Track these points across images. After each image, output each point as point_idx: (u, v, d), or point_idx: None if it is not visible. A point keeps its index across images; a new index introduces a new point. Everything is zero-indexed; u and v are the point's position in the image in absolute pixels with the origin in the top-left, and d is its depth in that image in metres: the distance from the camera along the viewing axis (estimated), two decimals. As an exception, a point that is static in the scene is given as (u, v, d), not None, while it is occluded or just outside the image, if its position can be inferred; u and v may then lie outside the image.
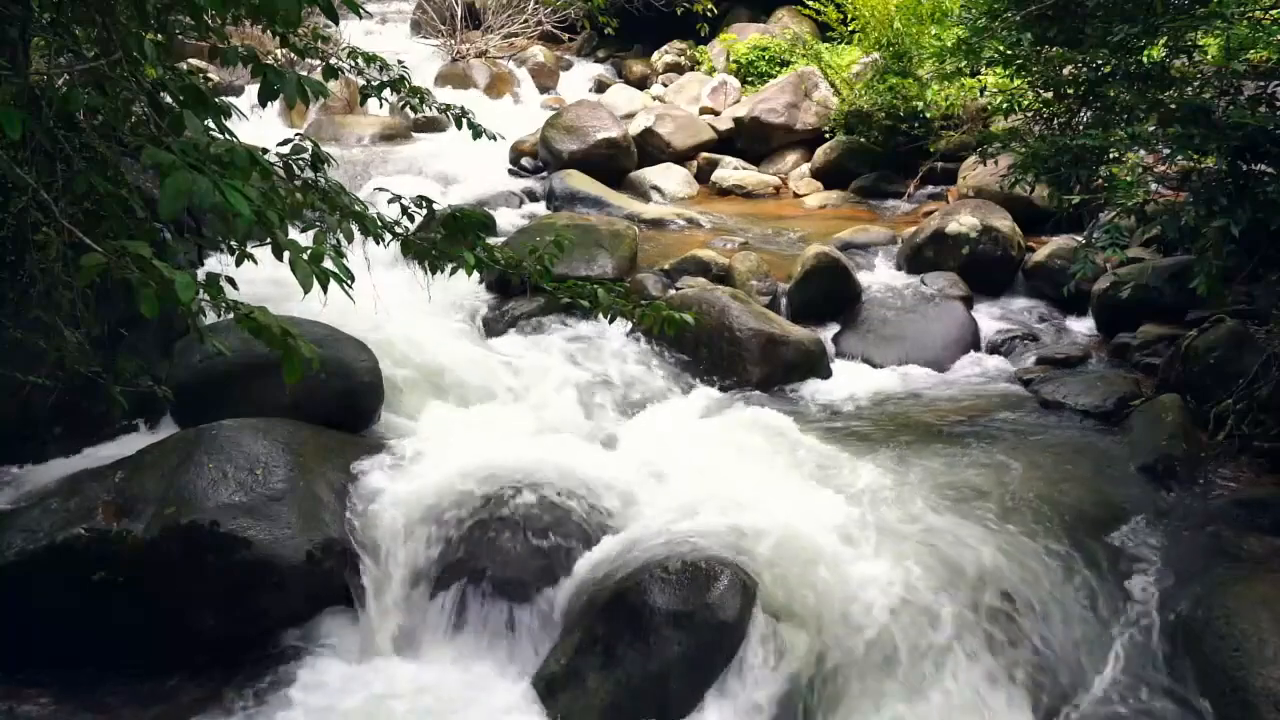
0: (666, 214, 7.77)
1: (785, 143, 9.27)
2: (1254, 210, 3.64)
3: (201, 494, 3.43)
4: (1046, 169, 4.40)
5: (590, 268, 5.88)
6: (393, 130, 9.53)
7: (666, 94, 10.89)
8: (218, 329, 3.43)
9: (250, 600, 3.39)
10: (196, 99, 2.42)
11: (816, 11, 9.75)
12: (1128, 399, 4.60)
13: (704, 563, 3.29)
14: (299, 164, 3.07)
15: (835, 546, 3.48)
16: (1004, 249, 6.23)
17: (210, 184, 1.93)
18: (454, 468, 3.84)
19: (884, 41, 8.50)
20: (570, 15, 11.78)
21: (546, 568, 3.51)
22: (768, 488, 3.85)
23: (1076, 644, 3.27)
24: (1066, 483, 3.93)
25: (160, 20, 3.23)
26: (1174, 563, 3.52)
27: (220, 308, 2.24)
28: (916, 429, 4.50)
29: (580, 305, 3.18)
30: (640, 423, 4.63)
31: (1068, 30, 4.39)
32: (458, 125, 3.93)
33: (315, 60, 3.97)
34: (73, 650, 3.32)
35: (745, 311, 5.29)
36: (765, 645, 3.19)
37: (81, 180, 2.46)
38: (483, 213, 6.39)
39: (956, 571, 3.38)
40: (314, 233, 2.63)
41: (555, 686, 3.23)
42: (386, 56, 4.27)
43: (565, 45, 13.25)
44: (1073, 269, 4.37)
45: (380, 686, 3.30)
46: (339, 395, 4.18)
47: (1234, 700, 2.94)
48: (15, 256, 3.36)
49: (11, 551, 3.32)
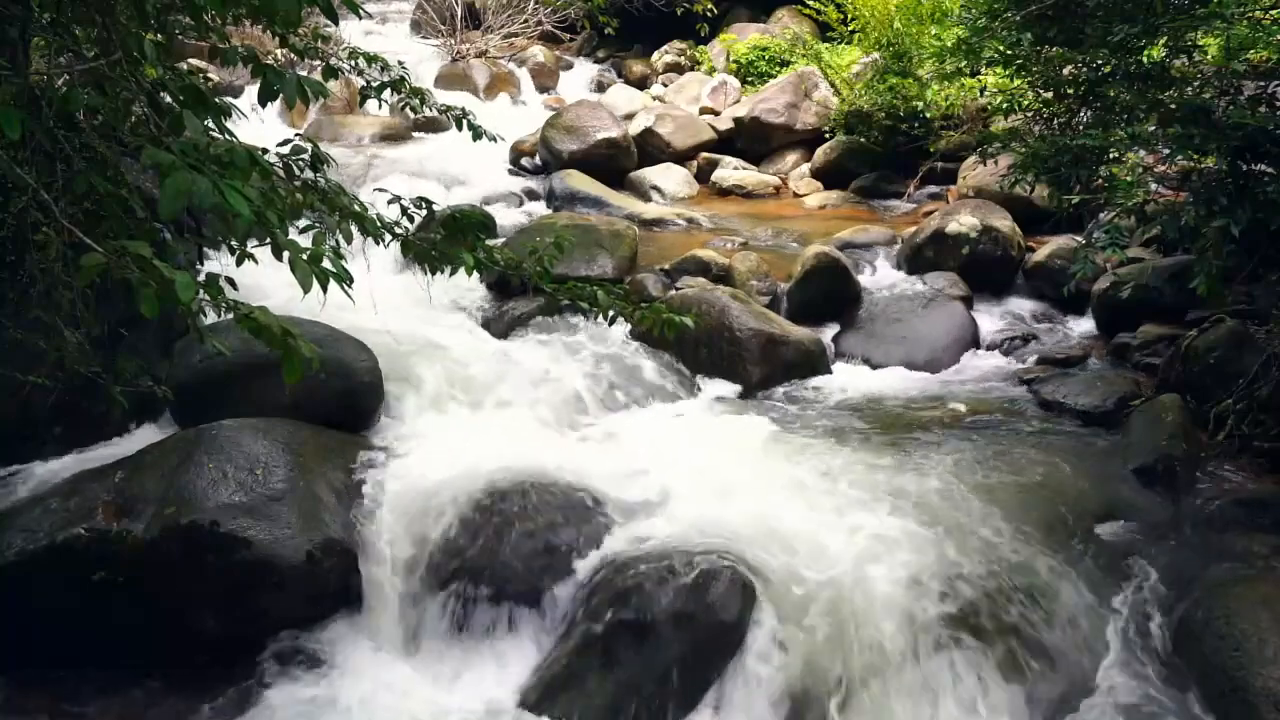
0: (666, 214, 7.77)
1: (785, 143, 9.27)
2: (1254, 210, 3.64)
3: (201, 494, 3.43)
4: (1046, 169, 4.40)
5: (590, 268, 5.88)
6: (392, 130, 9.53)
7: (666, 94, 10.89)
8: (218, 329, 3.43)
9: (250, 600, 3.39)
10: (196, 99, 2.42)
11: (816, 11, 9.75)
12: (1128, 399, 4.60)
13: (704, 563, 3.29)
14: (299, 164, 3.07)
15: (835, 547, 3.48)
16: (1004, 249, 6.23)
17: (210, 184, 1.93)
18: (454, 468, 3.84)
19: (884, 41, 8.50)
20: (570, 15, 11.78)
21: (547, 568, 3.51)
22: (768, 488, 3.85)
23: (1076, 644, 3.27)
24: (1066, 483, 3.92)
25: (160, 20, 3.23)
26: (1174, 563, 3.52)
27: (220, 308, 2.24)
28: (916, 429, 4.49)
29: (580, 306, 3.18)
30: (640, 423, 4.63)
31: (1068, 30, 4.38)
32: (458, 126, 3.93)
33: (315, 60, 3.97)
34: (73, 650, 3.32)
35: (745, 311, 5.29)
36: (765, 646, 3.19)
37: (81, 180, 2.46)
38: (482, 213, 6.41)
39: (957, 572, 3.37)
40: (313, 233, 2.63)
41: (555, 687, 3.23)
42: (386, 57, 4.27)
43: (565, 45, 13.24)
44: (1073, 269, 4.37)
45: (380, 687, 3.30)
46: (339, 395, 4.18)
47: (1234, 700, 2.94)
48: (15, 256, 3.36)
49: (11, 551, 3.31)
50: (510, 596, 3.48)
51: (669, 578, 3.26)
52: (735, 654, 3.19)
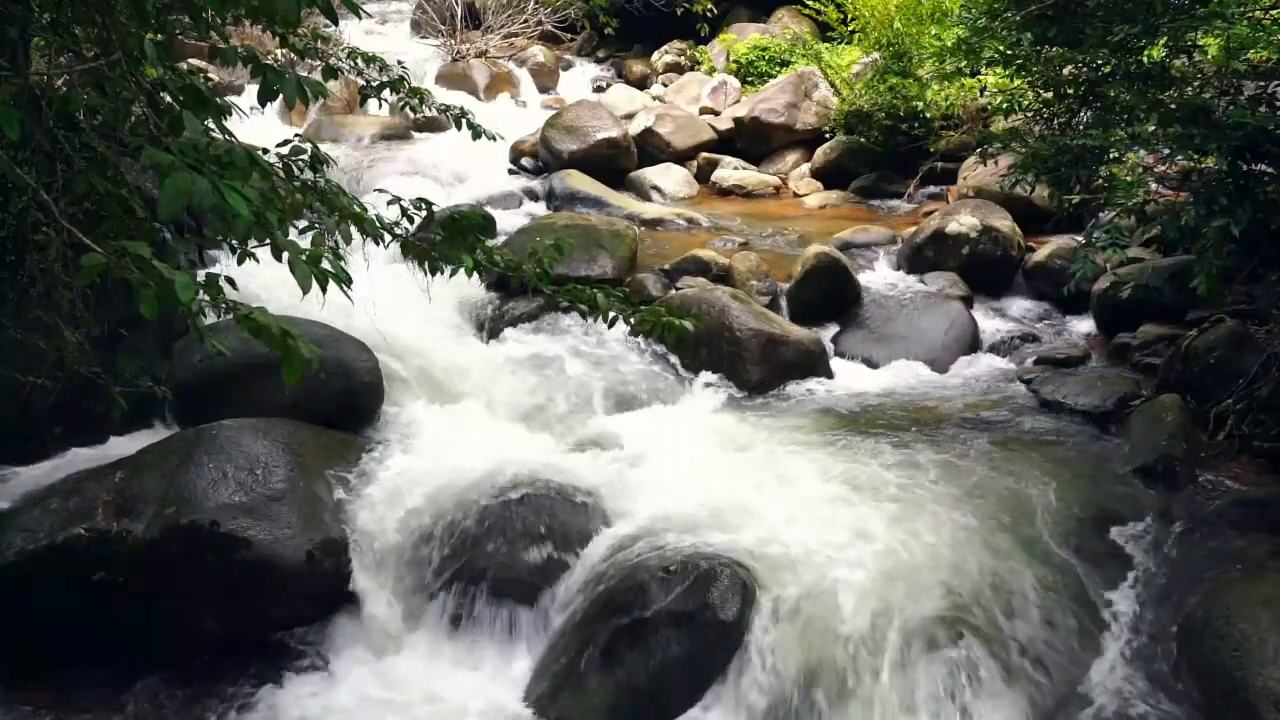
0: (666, 214, 7.76)
1: (785, 143, 9.26)
2: (1254, 210, 3.64)
3: (201, 494, 3.43)
4: (1046, 169, 4.40)
5: (590, 268, 5.88)
6: (392, 130, 9.52)
7: (666, 94, 10.88)
8: (218, 329, 3.43)
9: (250, 600, 3.40)
10: (196, 99, 2.42)
11: (816, 11, 9.74)
12: (1127, 399, 4.59)
13: (704, 563, 3.29)
14: (298, 164, 3.07)
15: (835, 547, 3.48)
16: (1004, 249, 6.22)
17: (209, 184, 1.93)
18: (454, 468, 3.85)
19: (884, 41, 8.49)
20: (570, 15, 11.77)
21: (546, 568, 3.52)
22: (767, 488, 3.86)
23: (1076, 644, 3.27)
24: (1066, 483, 3.92)
25: (160, 20, 3.22)
26: (1174, 563, 3.52)
27: (220, 308, 2.23)
28: (916, 430, 4.49)
29: (580, 308, 3.18)
30: (640, 423, 4.62)
31: (1068, 30, 4.38)
32: (457, 126, 3.92)
33: (315, 60, 3.97)
34: (73, 650, 3.32)
35: (745, 311, 5.29)
36: (765, 645, 3.19)
37: (81, 180, 2.46)
38: (482, 213, 6.37)
39: (956, 572, 3.38)
40: (312, 234, 2.62)
41: (555, 686, 3.24)
42: (386, 57, 4.27)
43: (565, 45, 13.23)
44: (1073, 269, 4.37)
45: (380, 686, 3.31)
46: (339, 395, 4.18)
47: (1234, 700, 2.93)
48: (15, 256, 3.36)
49: (11, 551, 3.32)
50: (510, 596, 3.48)
51: (669, 578, 3.26)
52: (735, 654, 3.19)
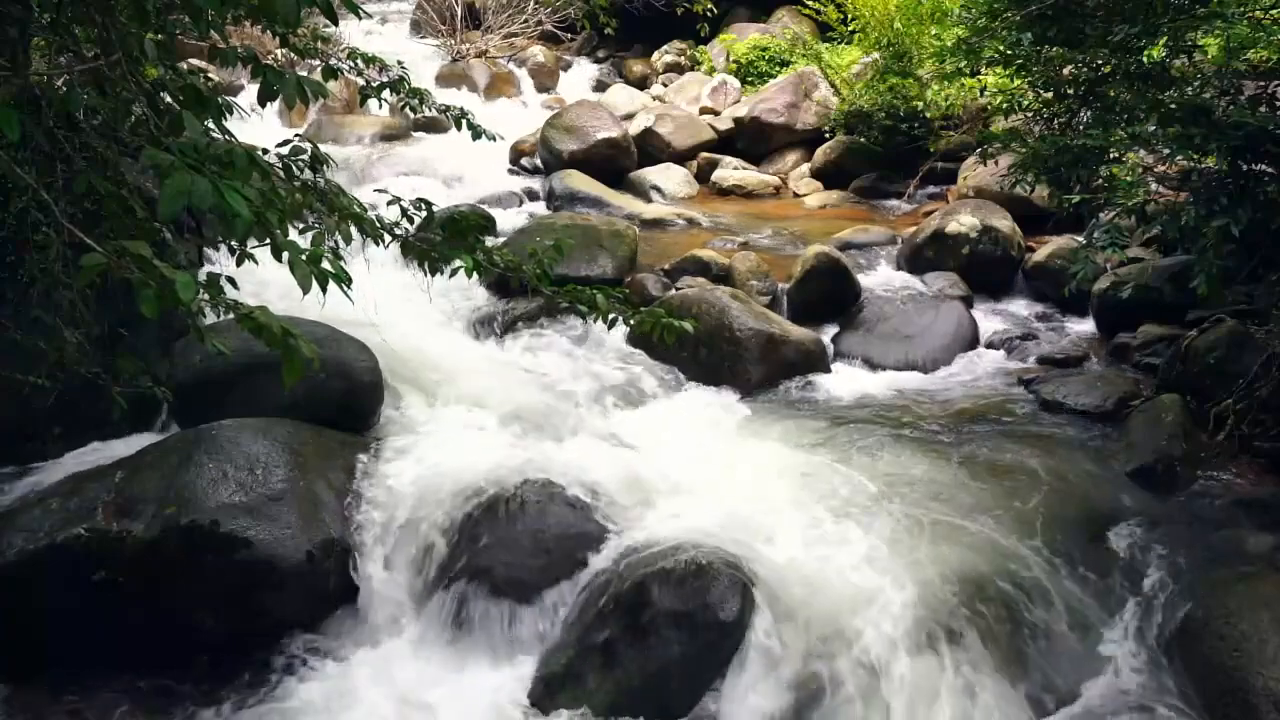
0: (666, 214, 7.76)
1: (785, 143, 9.26)
2: (1254, 210, 3.65)
3: (201, 494, 3.43)
4: (1046, 169, 4.40)
5: (590, 268, 5.88)
6: (392, 130, 9.52)
7: (666, 94, 10.88)
8: (218, 329, 3.43)
9: (250, 600, 3.39)
10: (196, 99, 2.42)
11: (816, 11, 9.75)
12: (1128, 399, 4.60)
13: (704, 563, 3.29)
14: (298, 165, 3.07)
15: (834, 547, 3.48)
16: (1004, 249, 6.23)
17: (209, 185, 1.93)
18: (454, 468, 3.84)
19: (884, 41, 8.50)
20: (570, 15, 11.76)
21: (546, 568, 3.51)
22: (767, 488, 3.86)
23: (1076, 645, 3.27)
24: (1066, 483, 3.92)
25: (160, 20, 3.22)
26: (1174, 563, 3.52)
27: (220, 308, 2.23)
28: (916, 430, 4.50)
29: (579, 309, 3.17)
30: (640, 423, 4.63)
31: (1068, 30, 4.38)
32: (457, 126, 3.92)
33: (315, 60, 3.97)
34: (73, 650, 3.32)
35: (745, 311, 5.29)
36: (765, 646, 3.19)
37: (81, 180, 2.46)
38: (482, 213, 6.41)
39: (956, 572, 3.38)
40: (312, 234, 2.62)
41: (556, 686, 3.23)
42: (386, 57, 4.27)
43: (565, 45, 13.23)
44: (1073, 269, 4.37)
45: (380, 686, 3.30)
46: (339, 395, 4.18)
47: (1234, 700, 2.94)
48: (15, 256, 3.36)
49: (12, 551, 3.31)
50: (510, 595, 3.47)
51: (669, 577, 3.26)
52: (735, 653, 3.19)
